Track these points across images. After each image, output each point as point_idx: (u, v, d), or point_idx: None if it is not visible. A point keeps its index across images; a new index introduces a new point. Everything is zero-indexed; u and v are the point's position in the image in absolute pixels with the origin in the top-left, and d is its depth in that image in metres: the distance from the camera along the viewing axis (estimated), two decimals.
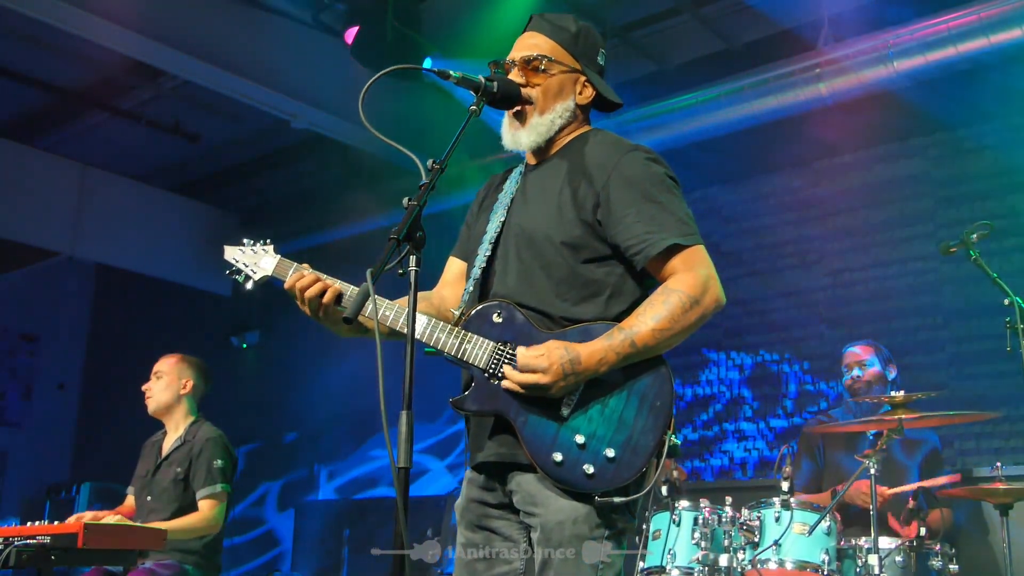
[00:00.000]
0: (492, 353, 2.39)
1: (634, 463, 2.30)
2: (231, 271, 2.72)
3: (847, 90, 6.24)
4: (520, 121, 2.57)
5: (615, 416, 2.33)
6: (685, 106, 6.83)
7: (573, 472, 2.30)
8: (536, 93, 2.55)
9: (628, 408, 2.33)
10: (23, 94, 8.42)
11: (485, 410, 2.41)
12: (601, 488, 2.30)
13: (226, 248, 2.73)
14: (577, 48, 2.60)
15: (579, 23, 2.64)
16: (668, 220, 2.39)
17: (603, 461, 2.30)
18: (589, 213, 2.43)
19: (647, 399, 2.34)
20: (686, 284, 2.34)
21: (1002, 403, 6.04)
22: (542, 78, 2.56)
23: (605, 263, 2.45)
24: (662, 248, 2.36)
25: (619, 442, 2.31)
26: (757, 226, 7.50)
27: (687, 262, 2.37)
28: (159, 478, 4.69)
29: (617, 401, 2.34)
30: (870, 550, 3.95)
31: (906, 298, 6.79)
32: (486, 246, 2.55)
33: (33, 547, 3.46)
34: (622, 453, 2.30)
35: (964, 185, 6.72)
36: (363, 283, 2.08)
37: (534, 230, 2.48)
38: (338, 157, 8.70)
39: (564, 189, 2.49)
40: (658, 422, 2.33)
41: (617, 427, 2.32)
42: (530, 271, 2.46)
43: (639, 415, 2.33)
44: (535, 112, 2.56)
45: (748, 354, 7.39)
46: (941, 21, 5.82)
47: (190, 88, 7.95)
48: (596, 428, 2.32)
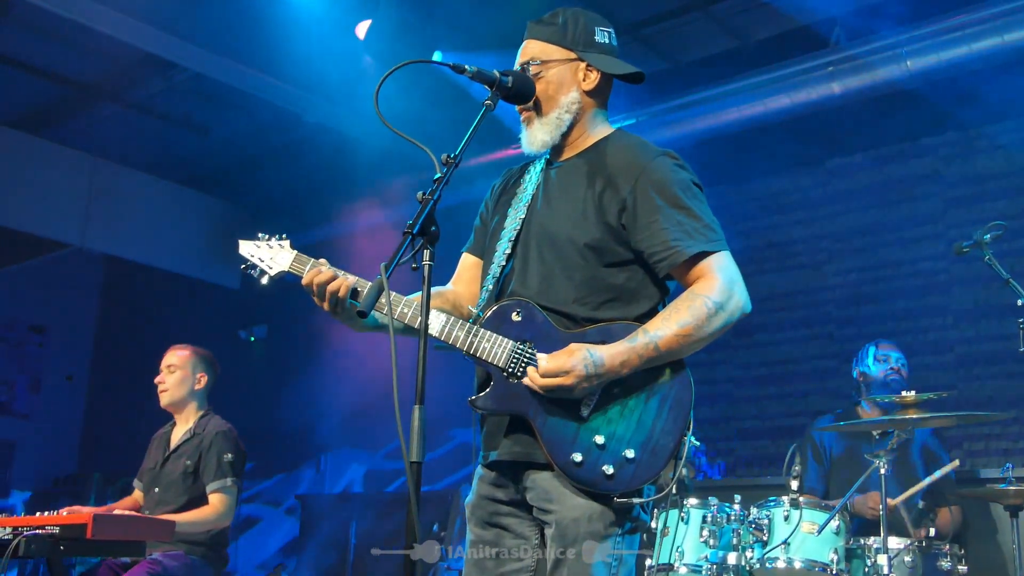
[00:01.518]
0: (511, 352, 2.39)
1: (653, 464, 2.31)
2: (246, 266, 2.67)
3: (859, 88, 6.21)
4: (529, 125, 2.57)
5: (634, 417, 2.33)
6: (696, 103, 6.81)
7: (593, 472, 2.31)
8: (538, 97, 2.55)
9: (648, 409, 2.34)
10: (34, 86, 8.42)
11: (503, 409, 2.41)
12: (620, 489, 2.31)
13: (241, 243, 2.68)
14: (567, 37, 2.57)
15: (565, 12, 2.62)
16: (694, 227, 2.38)
17: (622, 462, 2.30)
18: (614, 217, 2.43)
19: (667, 401, 2.35)
20: (711, 289, 2.34)
21: (1012, 404, 6.02)
22: (540, 82, 2.55)
23: (626, 267, 2.44)
24: (688, 256, 2.36)
25: (639, 443, 2.31)
26: (766, 224, 7.49)
27: (713, 268, 2.36)
28: (168, 470, 4.69)
29: (637, 402, 2.34)
30: (879, 550, 3.94)
31: (916, 298, 6.77)
32: (505, 244, 2.54)
33: (42, 537, 3.47)
34: (641, 454, 2.31)
35: (975, 185, 6.70)
36: (377, 278, 2.08)
37: (557, 231, 2.47)
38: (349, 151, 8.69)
39: (588, 191, 2.47)
40: (677, 423, 2.34)
41: (636, 428, 2.32)
42: (551, 272, 2.45)
43: (659, 416, 2.33)
44: (536, 116, 2.56)
45: (757, 353, 7.38)
46: (955, 20, 5.79)
47: (201, 81, 7.93)
48: (616, 429, 2.32)
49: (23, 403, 10.94)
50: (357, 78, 7.10)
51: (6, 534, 3.52)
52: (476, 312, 2.47)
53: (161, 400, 4.84)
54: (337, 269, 2.50)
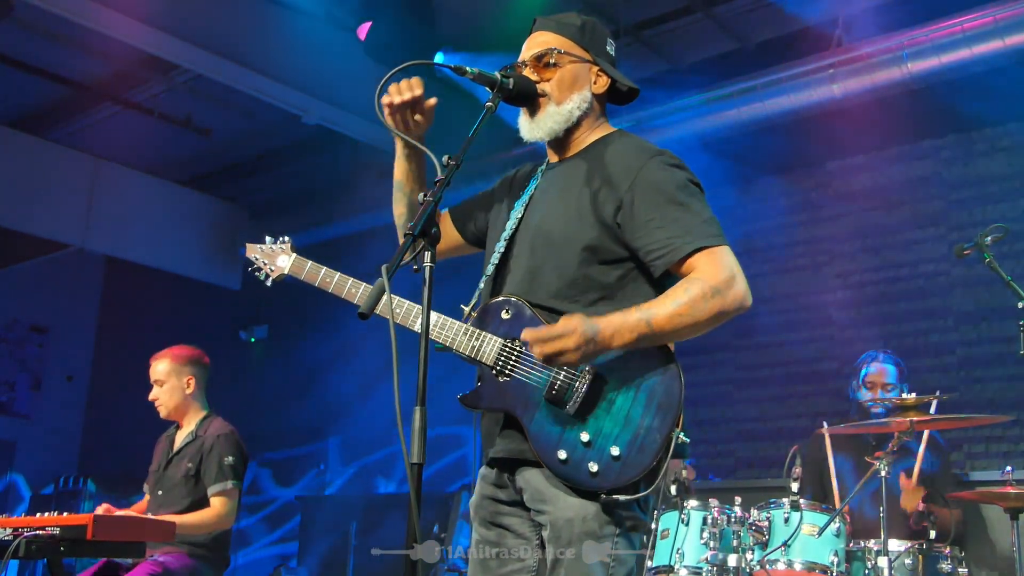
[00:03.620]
0: (500, 350, 2.40)
1: (640, 461, 2.28)
2: (252, 268, 2.85)
3: (860, 91, 6.21)
4: (536, 112, 2.56)
5: (622, 414, 2.31)
6: (697, 105, 6.81)
7: (578, 470, 2.29)
8: (550, 86, 2.55)
9: (636, 406, 2.31)
10: (36, 87, 8.44)
11: (494, 407, 2.42)
12: (606, 486, 2.28)
13: (248, 246, 2.83)
14: (585, 39, 2.59)
15: (583, 16, 2.64)
16: (693, 223, 2.36)
17: (608, 459, 2.28)
18: (610, 216, 2.41)
19: (655, 397, 2.31)
20: (710, 275, 2.29)
21: (1012, 407, 6.02)
22: (554, 71, 2.55)
23: (620, 265, 2.43)
24: (687, 252, 2.33)
25: (625, 440, 2.29)
26: (767, 227, 7.49)
27: (712, 260, 2.32)
28: (170, 472, 4.70)
29: (624, 399, 2.32)
30: (879, 552, 3.94)
31: (916, 300, 6.78)
32: (501, 243, 2.55)
33: (43, 538, 3.47)
34: (627, 451, 2.28)
35: (976, 187, 6.70)
36: (378, 279, 2.08)
37: (551, 229, 2.47)
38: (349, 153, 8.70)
39: (585, 190, 2.47)
40: (666, 420, 2.29)
41: (624, 425, 2.30)
42: (542, 269, 2.45)
43: (646, 413, 2.30)
44: (551, 103, 2.55)
45: (758, 354, 7.38)
46: (956, 23, 5.79)
47: (202, 82, 7.95)
48: (602, 426, 2.30)
49: (24, 403, 10.95)
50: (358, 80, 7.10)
51: (6, 535, 3.52)
52: (468, 311, 2.48)
53: (160, 414, 4.84)
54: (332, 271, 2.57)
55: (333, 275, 2.67)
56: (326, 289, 2.69)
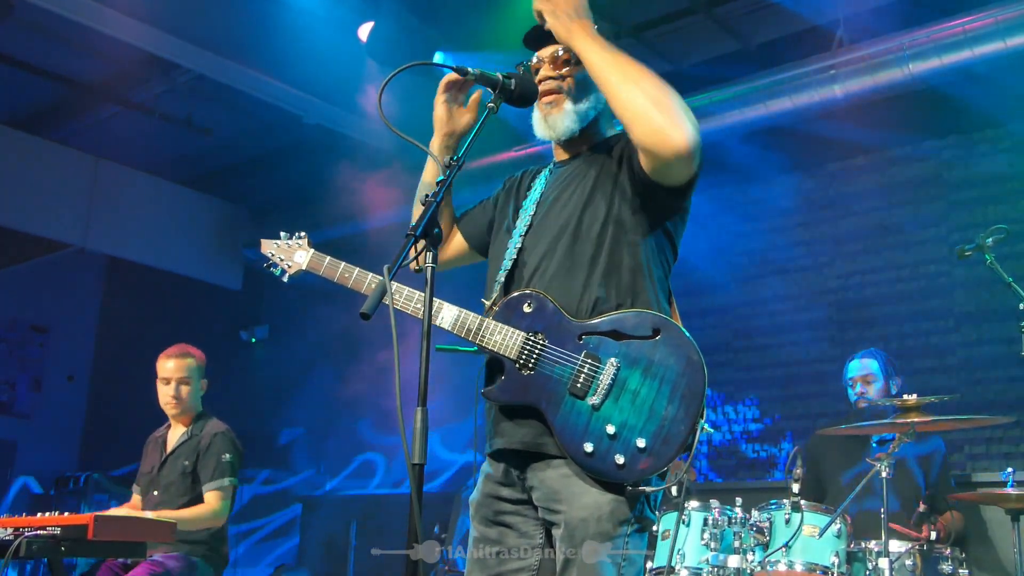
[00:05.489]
0: (523, 343, 2.40)
1: (665, 453, 2.30)
2: (268, 264, 2.85)
3: (861, 92, 6.21)
4: (556, 107, 2.56)
5: (646, 406, 2.33)
6: (698, 106, 6.80)
7: (604, 462, 2.31)
8: (568, 84, 2.56)
9: (659, 398, 2.33)
10: (37, 86, 8.43)
11: (516, 401, 2.42)
12: (632, 478, 2.31)
13: (263, 242, 2.84)
14: None
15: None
16: None
17: (634, 451, 2.30)
18: (624, 177, 2.46)
19: (678, 388, 2.34)
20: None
21: (1013, 408, 6.02)
22: (575, 68, 2.56)
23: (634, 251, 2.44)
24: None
25: (650, 432, 2.31)
26: (769, 227, 7.49)
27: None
28: (166, 472, 4.69)
29: (648, 391, 2.34)
30: (880, 553, 3.94)
31: (917, 301, 6.77)
32: (516, 239, 2.56)
33: (43, 538, 3.47)
34: (653, 443, 2.30)
35: (977, 188, 6.70)
36: (380, 280, 2.09)
37: (566, 221, 2.49)
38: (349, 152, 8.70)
39: (590, 182, 2.50)
40: (689, 411, 2.33)
41: (648, 417, 2.32)
42: (561, 264, 2.46)
43: (670, 404, 2.33)
44: (568, 99, 2.56)
45: (758, 355, 7.38)
46: (957, 24, 5.78)
47: (203, 82, 7.95)
48: (627, 418, 2.32)
49: (24, 403, 10.94)
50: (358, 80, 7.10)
51: (7, 535, 3.52)
52: (488, 305, 2.49)
53: (171, 411, 4.80)
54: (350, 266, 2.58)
55: (352, 271, 2.68)
56: (345, 285, 2.69)
